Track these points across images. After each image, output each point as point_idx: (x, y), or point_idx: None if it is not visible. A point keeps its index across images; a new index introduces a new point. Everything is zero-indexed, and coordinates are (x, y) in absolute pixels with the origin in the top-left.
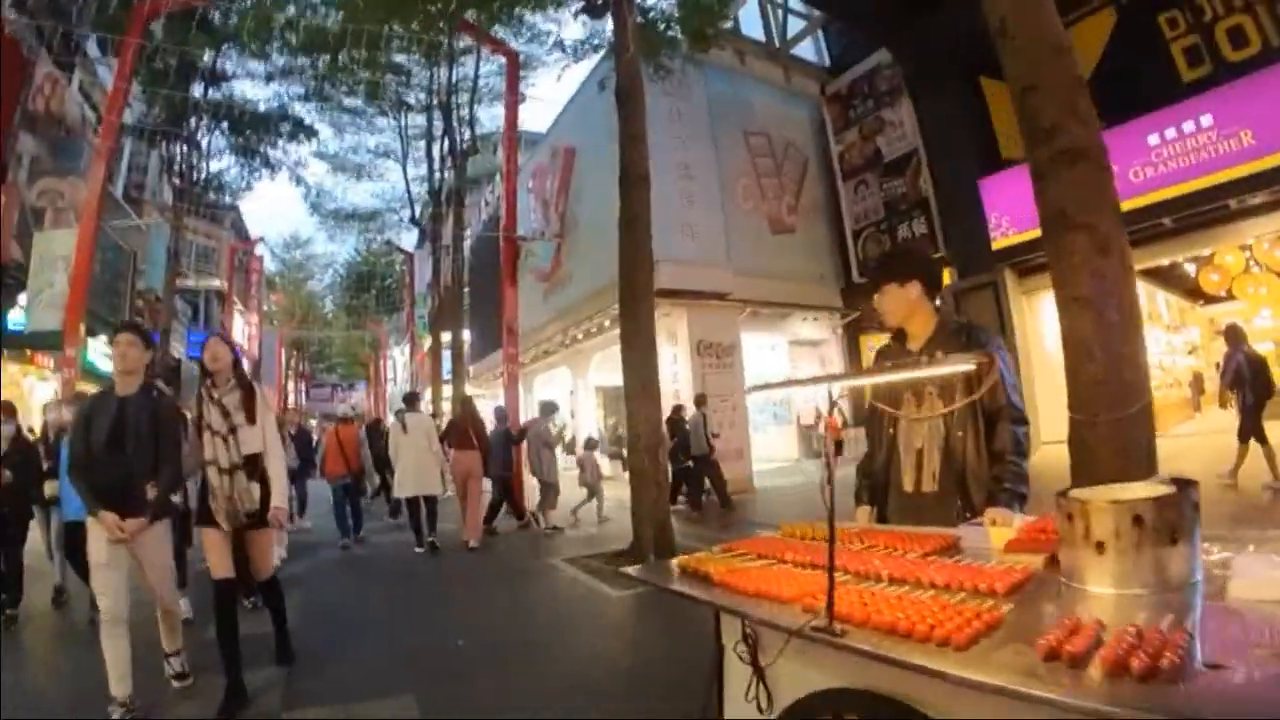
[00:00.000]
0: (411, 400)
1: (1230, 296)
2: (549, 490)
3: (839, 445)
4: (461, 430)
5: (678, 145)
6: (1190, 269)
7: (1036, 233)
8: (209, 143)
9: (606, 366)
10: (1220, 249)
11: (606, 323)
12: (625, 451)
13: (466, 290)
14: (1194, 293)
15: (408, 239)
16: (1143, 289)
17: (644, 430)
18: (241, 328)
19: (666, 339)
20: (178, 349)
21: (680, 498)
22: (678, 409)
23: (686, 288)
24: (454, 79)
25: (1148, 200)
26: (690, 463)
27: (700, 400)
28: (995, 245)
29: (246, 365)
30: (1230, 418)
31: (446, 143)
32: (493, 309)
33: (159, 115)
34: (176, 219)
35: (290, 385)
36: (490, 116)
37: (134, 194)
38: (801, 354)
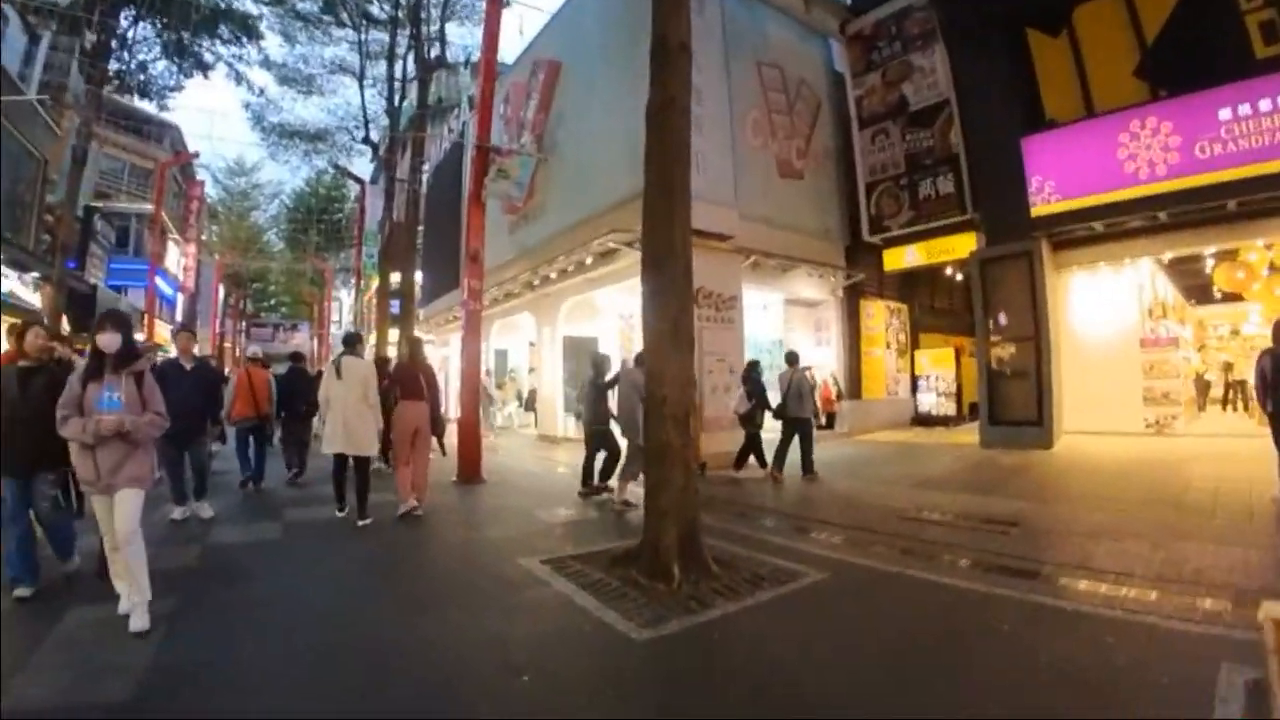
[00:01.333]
0: (351, 341)
1: (1236, 298)
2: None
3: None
4: (408, 377)
5: None
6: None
7: (1086, 201)
8: (133, 34)
9: (578, 314)
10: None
11: (588, 260)
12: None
13: (421, 229)
14: (1191, 290)
15: (359, 165)
16: (1163, 279)
17: (671, 391)
18: (177, 258)
19: None
20: (95, 274)
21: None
22: (753, 364)
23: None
24: None
25: (1212, 179)
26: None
27: (792, 358)
28: (1034, 212)
29: (182, 299)
30: (1235, 421)
31: (411, 59)
32: (449, 248)
33: None
34: (88, 113)
35: (229, 323)
36: (460, 35)
37: (50, 96)
38: (796, 315)
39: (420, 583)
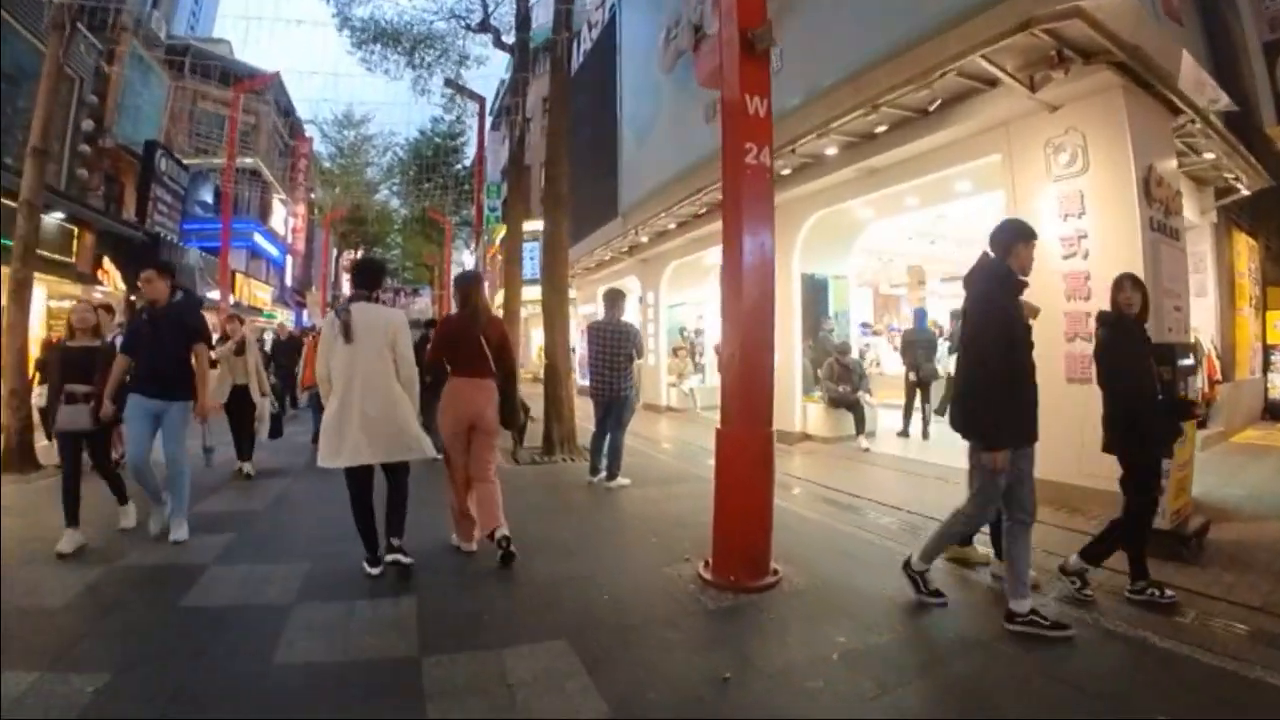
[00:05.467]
0: (369, 278)
1: None
2: None
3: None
4: (462, 336)
5: None
6: None
7: None
8: None
9: (823, 236)
10: None
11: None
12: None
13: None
14: None
15: (477, 78)
16: None
17: None
18: (284, 219)
19: (1048, 153)
20: (165, 227)
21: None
22: None
23: (1109, 38)
24: None
25: None
26: None
27: None
28: None
29: (291, 261)
30: None
31: None
32: (593, 179)
33: None
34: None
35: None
36: None
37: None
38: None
39: None
